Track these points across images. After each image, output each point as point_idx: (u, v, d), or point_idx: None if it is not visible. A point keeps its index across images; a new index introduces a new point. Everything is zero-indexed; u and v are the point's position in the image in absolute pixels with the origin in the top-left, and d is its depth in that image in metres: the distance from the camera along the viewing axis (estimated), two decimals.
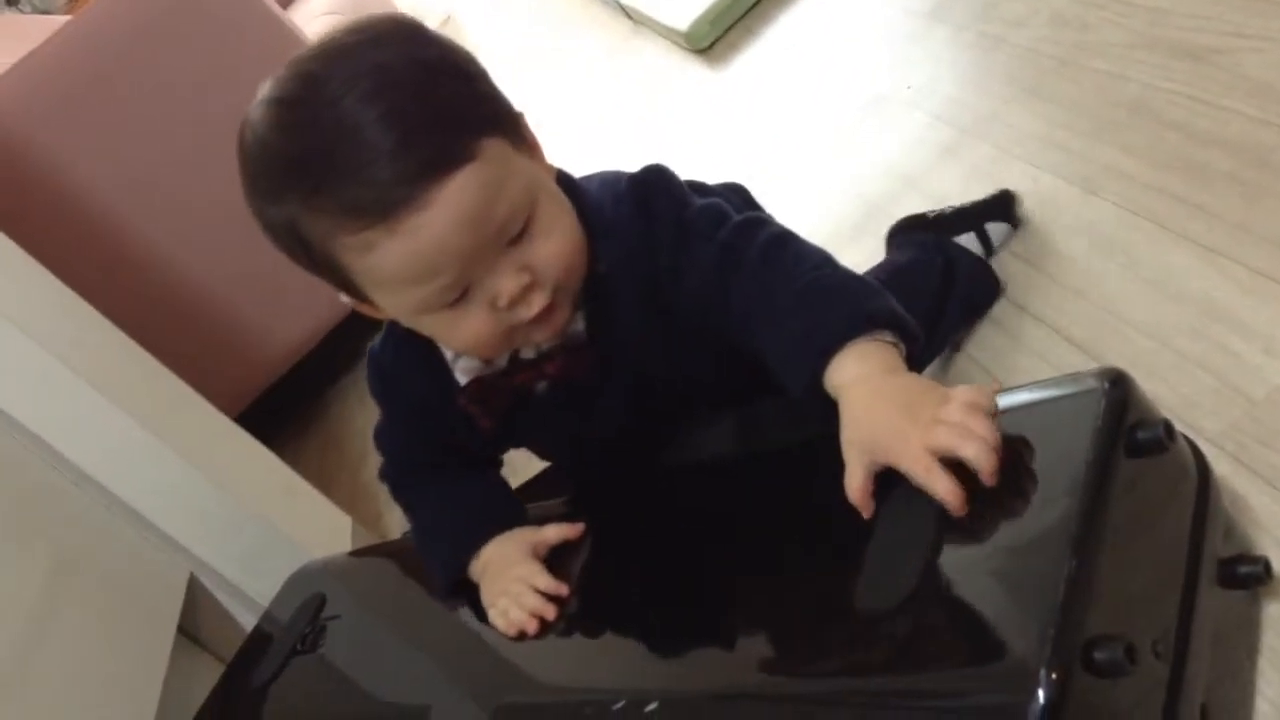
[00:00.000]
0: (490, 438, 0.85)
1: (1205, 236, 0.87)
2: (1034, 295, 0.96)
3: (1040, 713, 0.49)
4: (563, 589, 0.78)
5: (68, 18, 1.92)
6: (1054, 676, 0.50)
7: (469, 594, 0.85)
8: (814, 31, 1.74)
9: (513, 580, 0.80)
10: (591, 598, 0.79)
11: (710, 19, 1.97)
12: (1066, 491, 0.56)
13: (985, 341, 0.97)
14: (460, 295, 0.71)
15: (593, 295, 0.77)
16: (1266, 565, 0.63)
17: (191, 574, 1.18)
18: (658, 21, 2.15)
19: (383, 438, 0.93)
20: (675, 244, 0.76)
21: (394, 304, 0.74)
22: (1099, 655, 0.51)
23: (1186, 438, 0.64)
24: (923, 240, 1.02)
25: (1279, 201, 0.85)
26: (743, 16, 1.95)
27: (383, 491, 1.61)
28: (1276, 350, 0.76)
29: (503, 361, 0.80)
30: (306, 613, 1.04)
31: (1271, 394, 0.74)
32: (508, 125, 0.72)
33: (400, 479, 0.93)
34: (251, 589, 1.20)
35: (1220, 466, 0.69)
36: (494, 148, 0.69)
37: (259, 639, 1.11)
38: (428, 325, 0.75)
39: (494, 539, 0.84)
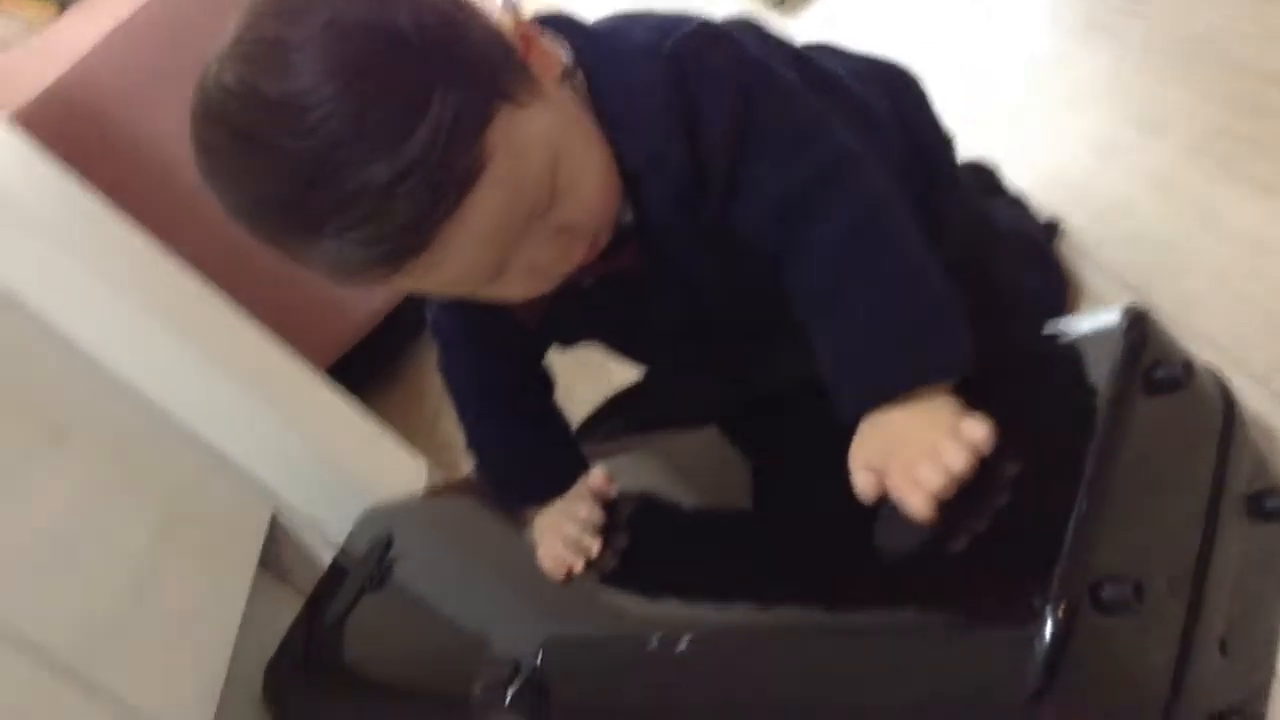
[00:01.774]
0: (539, 335, 0.78)
1: (1266, 177, 0.86)
2: (1089, 239, 0.95)
3: (1046, 647, 0.50)
4: (603, 522, 0.81)
5: None
6: (1059, 612, 0.51)
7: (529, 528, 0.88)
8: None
9: (558, 514, 0.82)
10: (641, 535, 0.81)
11: None
12: (1081, 430, 0.57)
13: None
14: (495, 275, 0.66)
15: (632, 190, 0.69)
16: None
17: (274, 513, 1.24)
18: None
19: (443, 358, 0.87)
20: (732, 152, 0.66)
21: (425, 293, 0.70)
22: (1106, 593, 0.52)
23: (1215, 374, 0.64)
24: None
25: None
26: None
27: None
28: None
29: None
30: (375, 551, 1.08)
31: None
32: (507, 79, 0.62)
33: (460, 396, 0.87)
34: (330, 527, 1.25)
35: (1263, 403, 0.69)
36: (501, 131, 0.60)
37: (333, 576, 1.16)
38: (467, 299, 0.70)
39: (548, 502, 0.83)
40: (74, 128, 1.52)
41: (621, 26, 0.71)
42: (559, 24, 0.71)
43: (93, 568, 0.98)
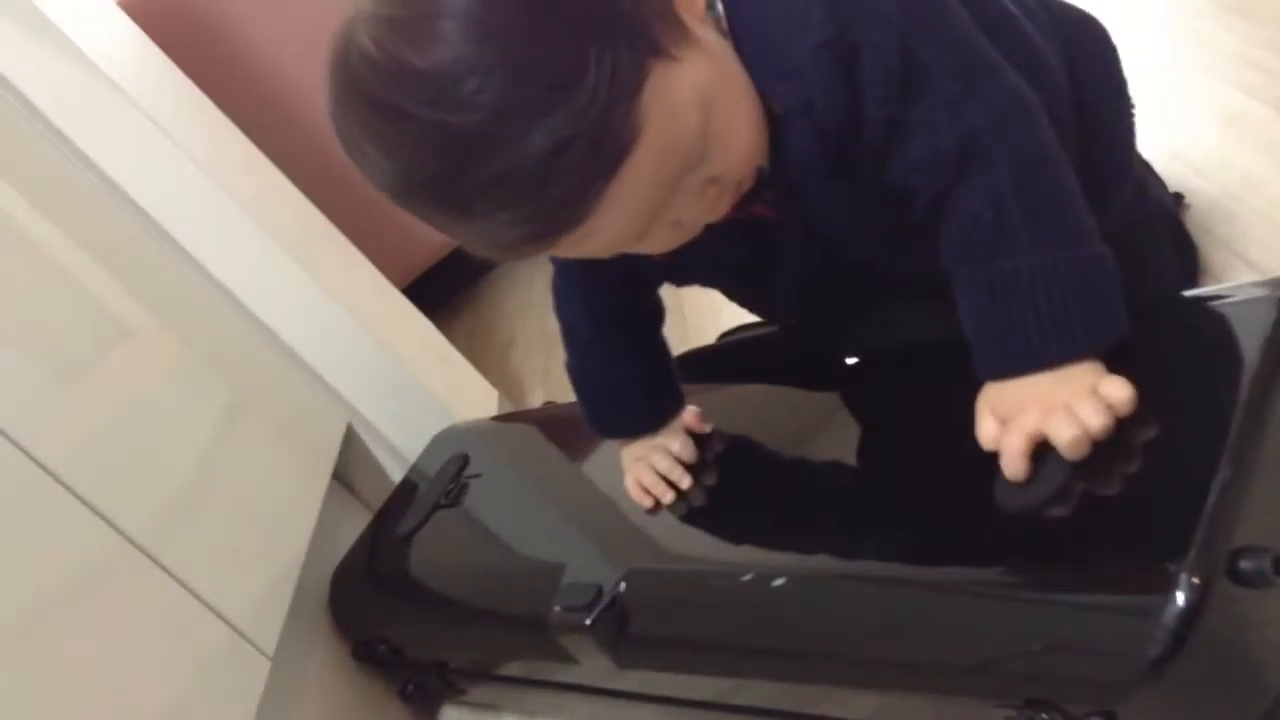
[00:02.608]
0: (664, 265, 0.74)
1: None
2: (1215, 218, 0.92)
3: (1179, 616, 0.49)
4: (694, 458, 0.80)
5: None
6: (1196, 581, 0.49)
7: (612, 459, 0.87)
8: None
9: (649, 445, 0.82)
10: (729, 476, 0.80)
11: None
12: (1227, 400, 0.55)
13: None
14: (642, 234, 0.63)
15: (774, 139, 0.66)
16: None
17: (349, 425, 1.25)
18: None
19: (570, 280, 0.83)
20: (896, 99, 0.62)
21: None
22: (1244, 564, 0.50)
23: None
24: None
25: None
26: None
27: (526, 375, 1.67)
28: None
29: None
30: (451, 469, 1.09)
31: None
32: (661, 33, 0.59)
33: (570, 323, 0.84)
34: (402, 445, 1.26)
35: None
36: (655, 92, 0.57)
37: (405, 491, 1.17)
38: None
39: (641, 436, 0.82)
40: (179, 21, 1.53)
41: None
42: None
43: (163, 450, 0.98)
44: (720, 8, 0.65)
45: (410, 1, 0.56)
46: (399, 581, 1.04)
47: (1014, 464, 0.58)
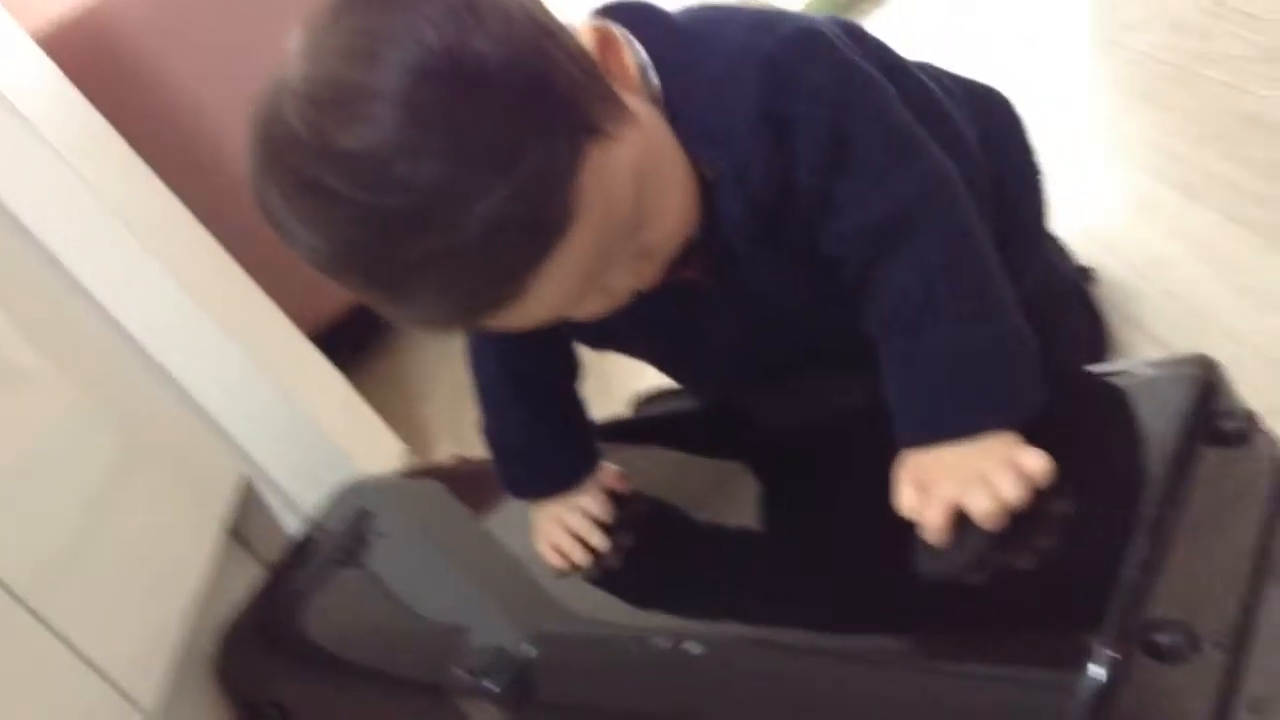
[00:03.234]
0: (586, 329, 0.71)
1: None
2: (1125, 295, 0.94)
3: (1094, 690, 0.48)
4: (610, 518, 0.78)
5: None
6: (1113, 655, 0.48)
7: (522, 519, 0.85)
8: (923, 23, 1.72)
9: (563, 504, 0.80)
10: (648, 537, 0.78)
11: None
12: (1145, 473, 0.55)
13: None
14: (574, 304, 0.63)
15: (703, 210, 0.65)
16: None
17: (248, 478, 1.20)
18: None
19: (481, 342, 0.81)
20: (828, 166, 0.62)
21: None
22: (1161, 638, 0.50)
23: (1269, 435, 0.63)
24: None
25: None
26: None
27: (436, 428, 1.63)
28: None
29: None
30: (354, 525, 1.05)
31: None
32: (594, 105, 0.58)
33: (485, 381, 0.82)
34: (302, 498, 1.21)
35: None
36: (593, 171, 0.56)
37: (303, 547, 1.12)
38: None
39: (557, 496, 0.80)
40: (93, 58, 1.49)
41: (713, 22, 0.67)
42: (633, 14, 0.66)
43: (48, 498, 0.94)
44: (654, 77, 0.65)
45: (339, 81, 0.55)
46: (293, 642, 1.00)
47: (934, 536, 0.57)
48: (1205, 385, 0.58)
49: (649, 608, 0.73)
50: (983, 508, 0.56)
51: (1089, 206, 1.05)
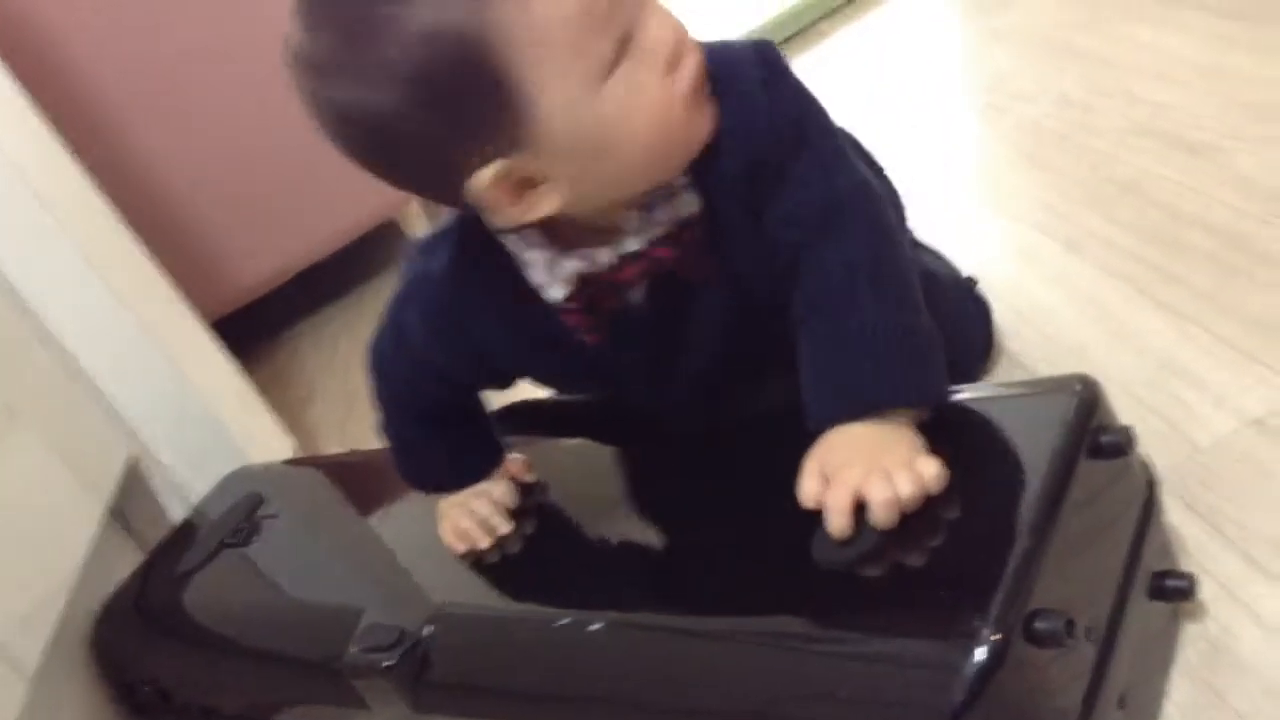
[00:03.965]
0: (594, 355, 0.74)
1: (1176, 303, 0.92)
2: (1007, 333, 1.00)
3: (977, 670, 0.52)
4: (516, 505, 0.80)
5: None
6: (995, 638, 0.53)
7: (417, 507, 0.86)
8: (828, 80, 1.80)
9: (469, 490, 0.81)
10: (551, 525, 0.81)
11: None
12: (1030, 477, 0.60)
13: None
14: (622, 51, 0.62)
15: (703, 166, 0.68)
16: (1192, 583, 0.66)
17: (134, 456, 1.18)
18: None
19: (392, 367, 0.82)
20: (788, 149, 0.68)
21: (562, 89, 0.61)
22: (1040, 625, 0.54)
23: (1143, 456, 0.68)
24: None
25: (1250, 282, 0.90)
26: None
27: (324, 430, 1.62)
28: (1226, 406, 0.80)
29: (606, 258, 0.70)
30: (243, 508, 1.04)
31: (1217, 442, 0.78)
32: None
33: (386, 389, 0.83)
34: (188, 484, 1.20)
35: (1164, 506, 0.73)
36: None
37: (186, 530, 1.11)
38: (606, 110, 0.63)
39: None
40: (7, 28, 1.46)
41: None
42: None
43: None
44: None
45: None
46: (174, 620, 0.98)
47: (838, 518, 0.61)
48: (1087, 401, 0.63)
49: (546, 591, 0.75)
50: (879, 496, 0.60)
51: (979, 254, 1.11)
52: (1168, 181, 1.07)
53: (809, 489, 0.63)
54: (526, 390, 0.90)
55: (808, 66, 1.88)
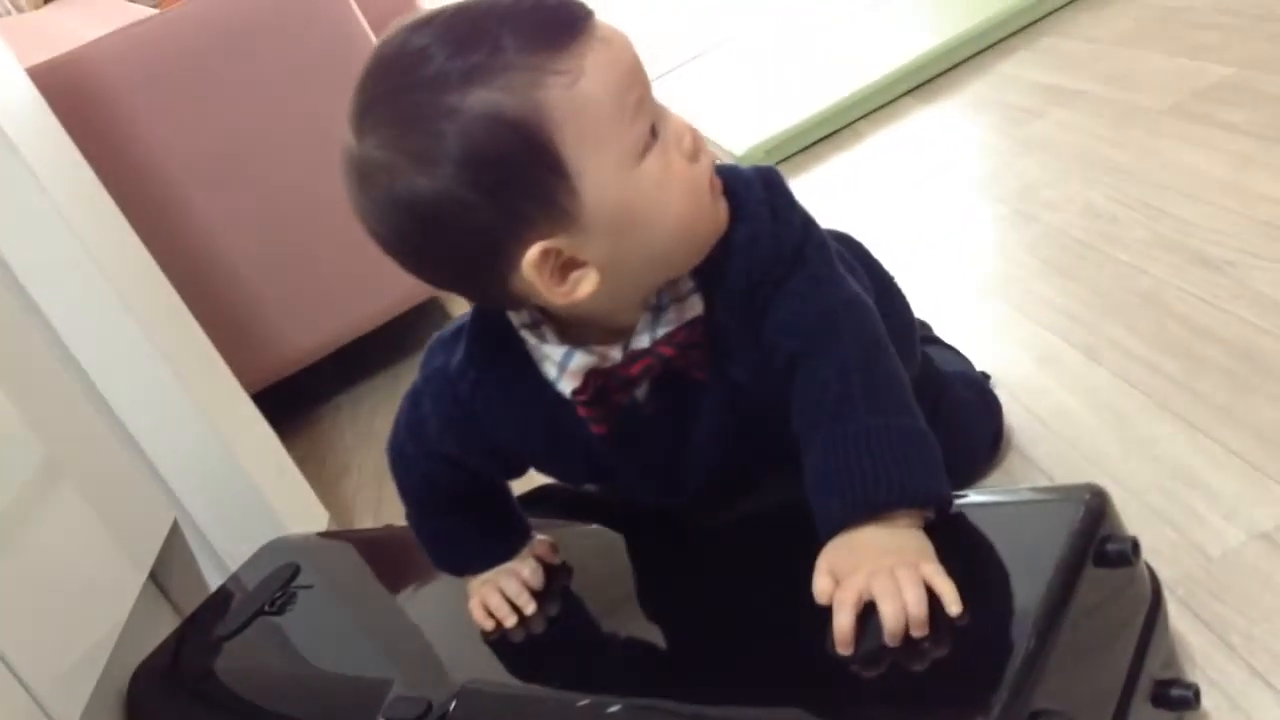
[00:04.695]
0: (603, 452, 0.78)
1: (1191, 414, 0.95)
2: (1025, 436, 1.03)
3: None
4: (542, 586, 0.83)
5: (155, 10, 2.02)
6: None
7: (447, 584, 0.89)
8: (863, 179, 1.85)
9: (499, 570, 0.84)
10: (575, 607, 0.83)
11: (766, 149, 2.08)
12: (1036, 582, 0.62)
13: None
14: (653, 135, 0.68)
15: (709, 273, 0.74)
16: (1196, 692, 0.68)
17: (173, 521, 1.22)
18: (714, 142, 2.27)
19: (412, 462, 0.86)
20: (788, 264, 0.73)
21: (604, 165, 0.66)
22: None
23: (1148, 565, 0.71)
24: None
25: (1265, 399, 0.93)
26: (798, 153, 2.07)
27: (356, 509, 1.65)
28: (1237, 519, 0.83)
29: (616, 355, 0.74)
30: (280, 576, 1.07)
31: (1227, 553, 0.80)
32: None
33: (420, 506, 0.88)
34: (226, 551, 1.23)
35: (1169, 608, 0.75)
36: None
37: (222, 597, 1.14)
38: (643, 185, 0.68)
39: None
40: (75, 98, 1.54)
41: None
42: None
43: None
44: None
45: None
46: (208, 685, 1.01)
47: (843, 617, 0.63)
48: (1095, 510, 0.66)
49: (568, 673, 0.78)
50: (887, 597, 0.63)
51: (1000, 357, 1.14)
52: (1187, 295, 1.10)
53: (822, 587, 0.66)
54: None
55: (843, 165, 1.94)
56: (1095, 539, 0.65)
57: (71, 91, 1.55)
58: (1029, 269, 1.32)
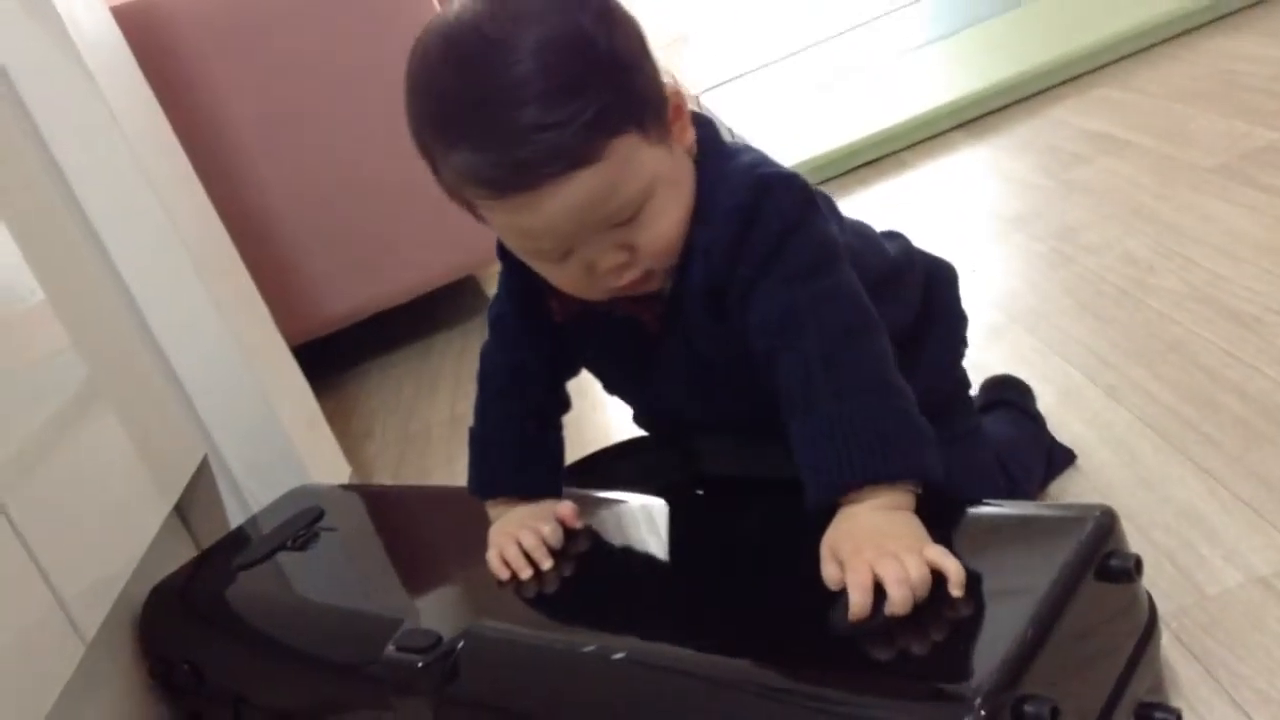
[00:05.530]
0: (560, 333, 0.89)
1: (1203, 459, 0.97)
2: None
3: None
4: (560, 547, 0.86)
5: None
6: (984, 710, 0.58)
7: (474, 531, 0.92)
8: (904, 206, 1.88)
9: (520, 524, 0.87)
10: (589, 569, 0.86)
11: (810, 168, 2.10)
12: (1039, 581, 0.65)
13: None
14: (562, 256, 0.78)
15: (681, 266, 0.81)
16: (1179, 717, 0.70)
17: (205, 458, 1.25)
18: None
19: (494, 369, 0.94)
20: (758, 266, 0.78)
21: (503, 240, 0.83)
22: (1028, 708, 0.59)
23: (1148, 593, 0.73)
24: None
25: (1276, 451, 0.95)
26: (843, 174, 2.10)
27: (376, 470, 1.69)
28: (1236, 561, 0.85)
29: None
30: (304, 517, 1.10)
31: (1223, 593, 0.82)
32: (649, 118, 0.76)
33: (489, 368, 0.94)
34: (250, 493, 1.27)
35: (1162, 637, 0.77)
36: (624, 147, 0.74)
37: (246, 531, 1.17)
38: (532, 265, 0.82)
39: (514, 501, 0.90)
40: (156, 44, 1.58)
41: (740, 148, 0.85)
42: (700, 119, 0.85)
43: (12, 399, 0.97)
44: (709, 142, 0.84)
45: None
46: (221, 607, 1.04)
47: (861, 596, 0.66)
48: (1104, 527, 0.69)
49: (574, 625, 0.81)
50: (893, 576, 0.66)
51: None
52: (1214, 347, 1.13)
53: (829, 574, 0.70)
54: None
55: (886, 191, 1.97)
56: (1100, 553, 0.67)
57: (151, 35, 1.60)
58: (1061, 307, 1.34)
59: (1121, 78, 2.03)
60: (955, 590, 0.65)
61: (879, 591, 0.66)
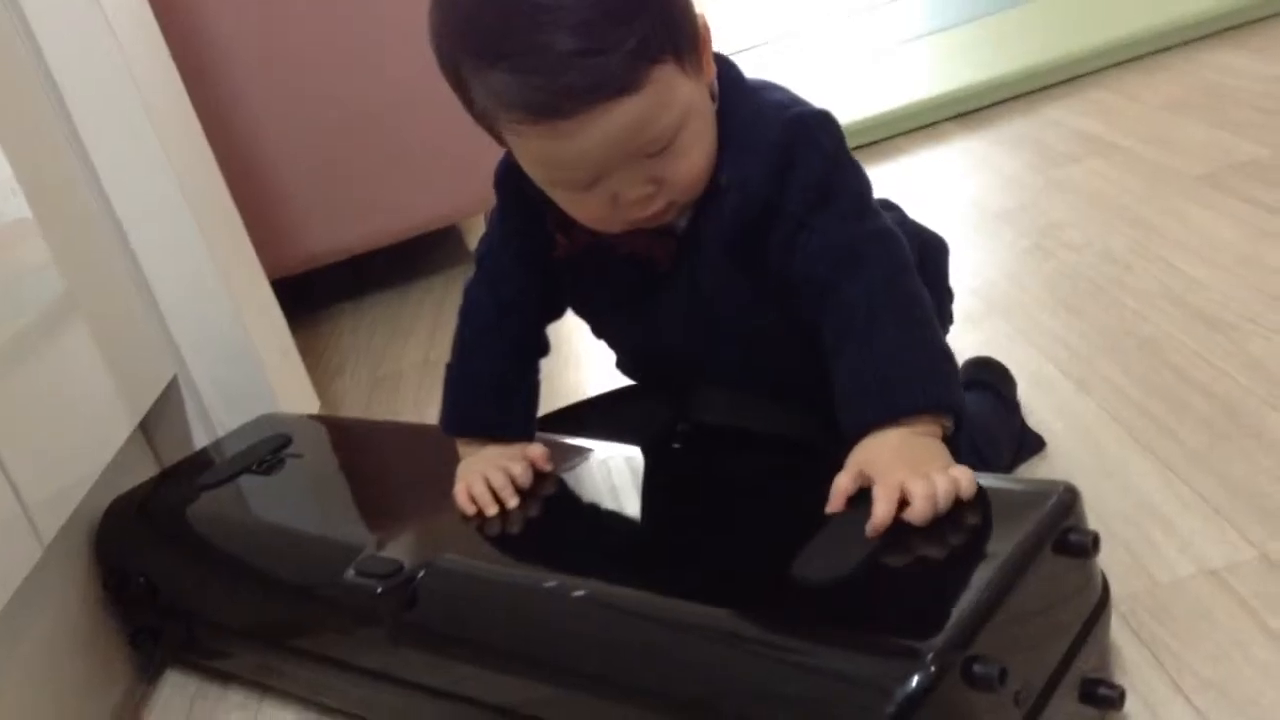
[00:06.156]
0: (554, 270, 0.88)
1: (1165, 454, 0.99)
2: None
3: (911, 691, 0.58)
4: (527, 485, 0.86)
5: None
6: (933, 665, 0.58)
7: (442, 468, 0.92)
8: (893, 191, 1.87)
9: (490, 463, 0.87)
10: (555, 510, 0.87)
11: None
12: (999, 548, 0.66)
13: None
14: (587, 185, 0.77)
15: (703, 203, 0.81)
16: (1122, 695, 0.71)
17: (175, 378, 1.25)
18: None
19: (477, 307, 0.94)
20: (810, 205, 0.79)
21: (527, 168, 0.80)
22: (978, 668, 0.60)
23: (1103, 573, 0.74)
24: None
25: (1238, 451, 0.96)
26: None
27: (344, 407, 1.68)
28: (1189, 553, 0.86)
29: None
30: (271, 444, 1.10)
31: (1174, 582, 0.84)
32: (685, 47, 0.76)
33: (471, 306, 0.94)
34: (218, 418, 1.26)
35: (1119, 631, 0.79)
36: (663, 76, 0.74)
37: (210, 452, 1.17)
38: (552, 194, 0.81)
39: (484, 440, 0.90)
40: None
41: (766, 85, 0.86)
42: (718, 55, 0.84)
43: None
44: (716, 89, 0.83)
45: None
46: (181, 524, 1.04)
47: (885, 507, 0.68)
48: (1065, 504, 0.69)
49: (533, 563, 0.82)
50: (923, 492, 0.68)
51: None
52: (1184, 348, 1.14)
53: (843, 484, 0.71)
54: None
55: (878, 176, 1.96)
56: (1060, 527, 0.68)
57: None
58: (1038, 299, 1.36)
59: (1116, 83, 2.04)
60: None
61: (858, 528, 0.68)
